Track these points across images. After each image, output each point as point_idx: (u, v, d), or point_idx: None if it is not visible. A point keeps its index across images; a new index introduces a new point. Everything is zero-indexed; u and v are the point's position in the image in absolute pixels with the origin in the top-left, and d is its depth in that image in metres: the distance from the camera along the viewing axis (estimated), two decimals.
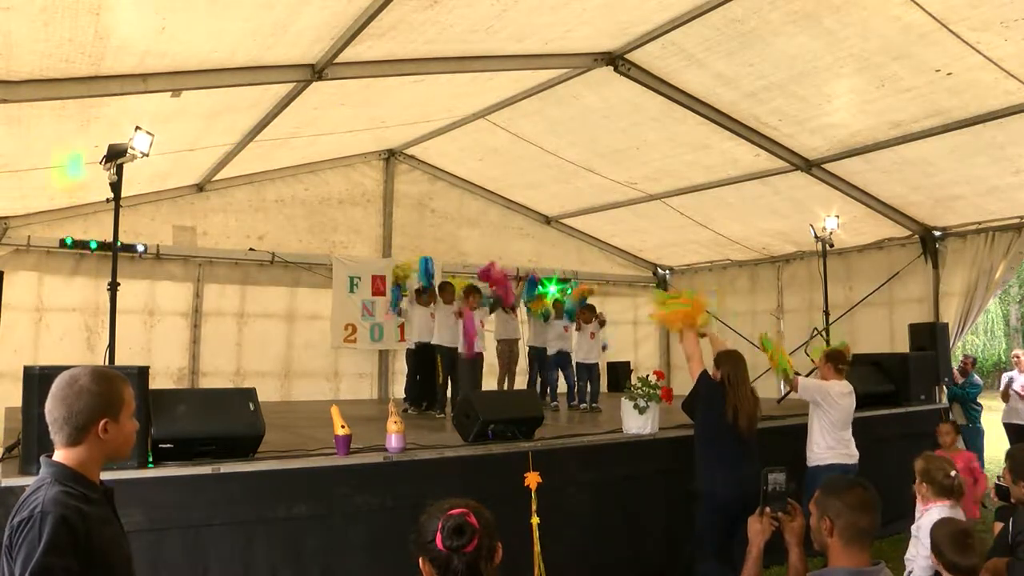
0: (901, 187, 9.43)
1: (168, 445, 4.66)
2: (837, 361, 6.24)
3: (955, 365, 10.32)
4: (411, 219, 12.41)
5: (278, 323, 11.18)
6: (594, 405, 9.55)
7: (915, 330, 9.65)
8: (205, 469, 4.62)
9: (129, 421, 2.25)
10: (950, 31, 6.21)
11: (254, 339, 10.92)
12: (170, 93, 6.16)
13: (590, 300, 10.18)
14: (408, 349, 9.74)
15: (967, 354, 14.30)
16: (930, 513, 3.94)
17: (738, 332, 11.74)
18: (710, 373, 5.52)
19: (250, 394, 5.14)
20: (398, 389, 11.02)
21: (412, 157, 12.24)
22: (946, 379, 9.59)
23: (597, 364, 9.92)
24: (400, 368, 11.08)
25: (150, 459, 4.59)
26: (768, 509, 3.01)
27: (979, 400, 10.21)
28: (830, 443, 6.01)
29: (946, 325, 9.76)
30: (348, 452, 5.20)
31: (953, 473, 4.03)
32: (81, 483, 2.12)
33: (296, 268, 11.20)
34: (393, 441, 5.33)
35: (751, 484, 3.16)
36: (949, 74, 6.87)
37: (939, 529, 3.30)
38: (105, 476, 2.31)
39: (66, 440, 2.14)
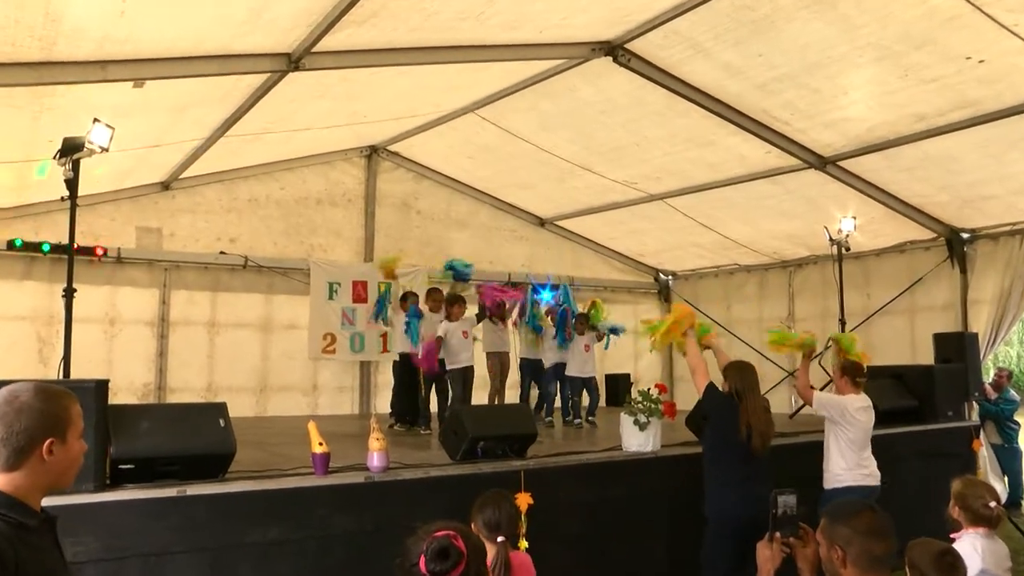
0: (924, 186, 9.41)
1: (128, 466, 4.57)
2: (855, 374, 6.20)
3: (988, 379, 10.24)
4: (395, 221, 12.38)
5: (252, 333, 11.12)
6: (591, 419, 9.52)
7: (941, 340, 9.54)
8: (169, 491, 4.53)
9: (77, 442, 2.18)
10: (984, 13, 6.13)
11: (226, 350, 10.84)
12: (132, 83, 6.11)
13: (582, 309, 10.18)
14: (394, 360, 9.68)
15: (1001, 367, 14.13)
16: (962, 542, 3.87)
17: (745, 342, 11.72)
18: (718, 386, 5.47)
19: (220, 409, 5.08)
20: (381, 403, 10.97)
21: (396, 154, 12.22)
22: (977, 394, 9.48)
23: (594, 377, 9.90)
24: (383, 381, 11.04)
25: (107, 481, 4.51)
26: (778, 534, 2.97)
27: (1016, 418, 10.12)
28: (849, 464, 5.96)
29: (976, 335, 9.68)
30: (326, 472, 5.13)
31: (992, 504, 3.96)
32: (17, 510, 2.04)
33: (271, 273, 11.14)
34: (375, 460, 5.28)
35: (764, 506, 3.12)
36: (981, 61, 6.79)
37: (918, 549, 3.20)
38: (58, 501, 2.25)
39: (3, 464, 2.06)
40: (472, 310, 9.37)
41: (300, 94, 7.88)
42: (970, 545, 3.76)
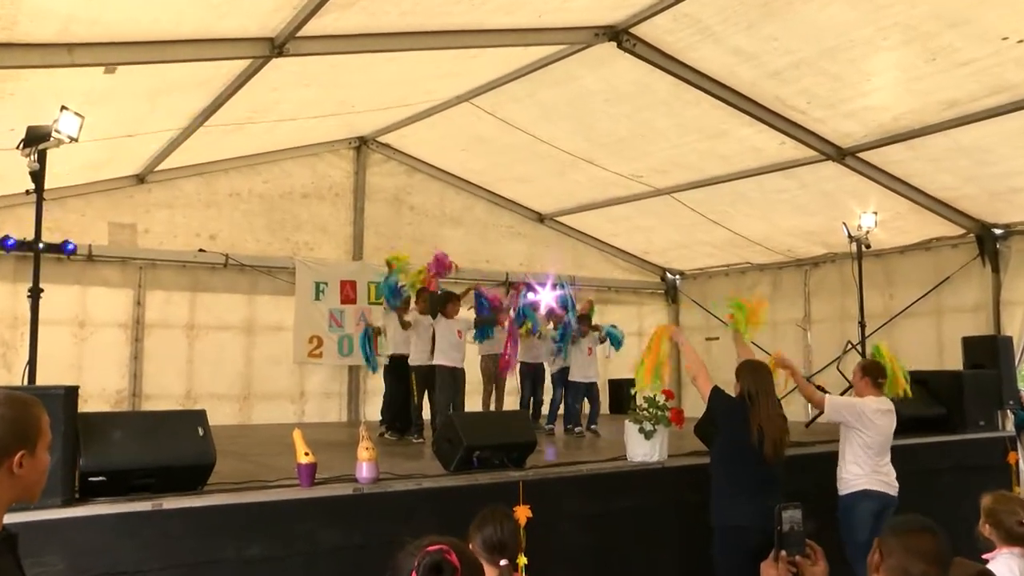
0: (953, 178, 9.38)
1: (99, 478, 4.54)
2: (875, 375, 6.16)
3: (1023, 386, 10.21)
4: (385, 216, 12.38)
5: (234, 336, 11.11)
6: (592, 427, 9.49)
7: (970, 344, 9.49)
8: (143, 505, 4.50)
9: (45, 454, 2.15)
10: None
11: (206, 355, 10.82)
12: (103, 68, 6.06)
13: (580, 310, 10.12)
14: (384, 365, 9.68)
15: None
16: (997, 563, 3.83)
17: (759, 346, 11.65)
18: (723, 389, 5.44)
19: (198, 417, 5.08)
20: (371, 410, 10.96)
21: (386, 146, 12.22)
22: (1011, 402, 9.43)
23: (596, 383, 9.89)
24: (373, 387, 11.03)
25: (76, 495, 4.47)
26: (784, 552, 2.93)
27: None
28: (865, 470, 5.93)
29: (1010, 339, 9.65)
30: (312, 483, 5.12)
31: None
32: None
33: (254, 272, 11.12)
34: (364, 470, 5.27)
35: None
36: (1021, 41, 6.72)
37: (952, 571, 3.17)
38: (20, 518, 2.21)
39: None
40: (471, 313, 9.35)
41: (284, 81, 7.85)
42: (1006, 566, 3.72)
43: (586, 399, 9.80)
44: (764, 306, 6.45)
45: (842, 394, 7.17)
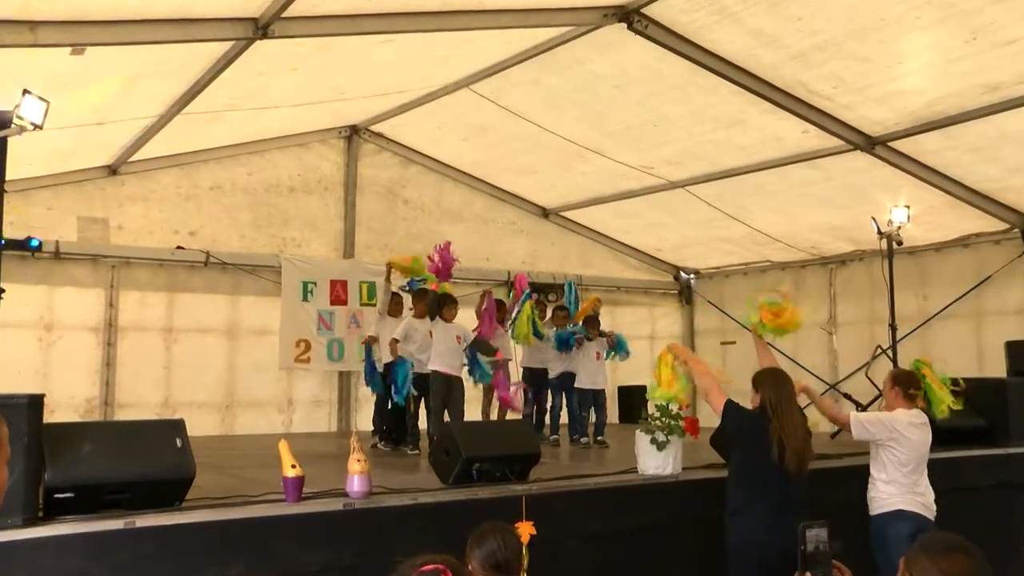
0: (996, 168, 9.36)
1: (66, 494, 4.50)
2: (908, 385, 6.10)
3: None
4: (379, 211, 12.40)
5: (215, 340, 11.12)
6: (599, 439, 9.48)
7: (1015, 350, 9.46)
8: (115, 523, 4.45)
9: (3, 469, 2.13)
10: None
11: (185, 360, 10.81)
12: (70, 49, 6.03)
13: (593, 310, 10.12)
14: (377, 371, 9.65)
15: None
16: None
17: (779, 350, 11.64)
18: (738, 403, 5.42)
19: (176, 427, 5.05)
20: (363, 420, 10.96)
21: (380, 136, 12.24)
22: None
23: (604, 390, 9.85)
24: (365, 394, 11.01)
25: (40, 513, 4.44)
26: (808, 574, 2.92)
27: None
28: (899, 489, 5.88)
29: None
30: (299, 498, 5.11)
31: None
32: None
33: (237, 271, 11.12)
34: (355, 484, 5.25)
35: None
36: None
37: None
38: None
39: None
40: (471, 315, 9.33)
41: (269, 66, 7.87)
42: None
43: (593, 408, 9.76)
44: (799, 311, 6.37)
45: (870, 404, 7.12)
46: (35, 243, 9.53)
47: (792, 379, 5.53)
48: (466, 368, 8.79)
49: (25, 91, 5.27)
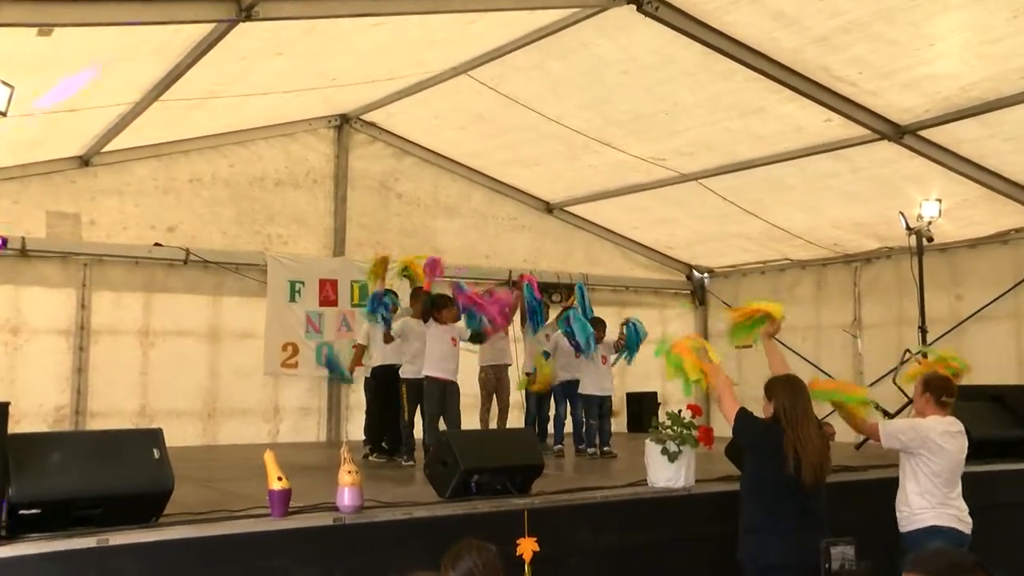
0: None
1: (32, 511, 4.49)
2: (940, 392, 6.08)
3: None
4: (371, 206, 12.43)
5: (196, 343, 11.13)
6: (606, 449, 9.50)
7: None
8: (87, 541, 4.44)
9: None
10: None
11: (164, 365, 10.82)
12: (35, 29, 6.01)
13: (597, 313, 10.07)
14: (365, 377, 9.68)
15: None
16: None
17: (799, 353, 11.68)
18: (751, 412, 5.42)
19: (153, 437, 5.06)
20: (354, 428, 10.97)
21: (372, 125, 12.28)
22: None
23: (611, 396, 9.87)
24: (357, 401, 11.04)
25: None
26: None
27: None
28: (932, 503, 5.85)
29: None
30: (286, 512, 5.12)
31: None
32: None
33: (219, 270, 11.14)
34: (346, 497, 5.26)
35: (817, 557, 3.05)
36: None
37: None
38: None
39: None
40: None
41: (254, 50, 7.87)
42: None
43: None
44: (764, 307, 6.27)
45: (898, 412, 7.09)
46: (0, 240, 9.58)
47: (806, 386, 5.50)
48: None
49: None
